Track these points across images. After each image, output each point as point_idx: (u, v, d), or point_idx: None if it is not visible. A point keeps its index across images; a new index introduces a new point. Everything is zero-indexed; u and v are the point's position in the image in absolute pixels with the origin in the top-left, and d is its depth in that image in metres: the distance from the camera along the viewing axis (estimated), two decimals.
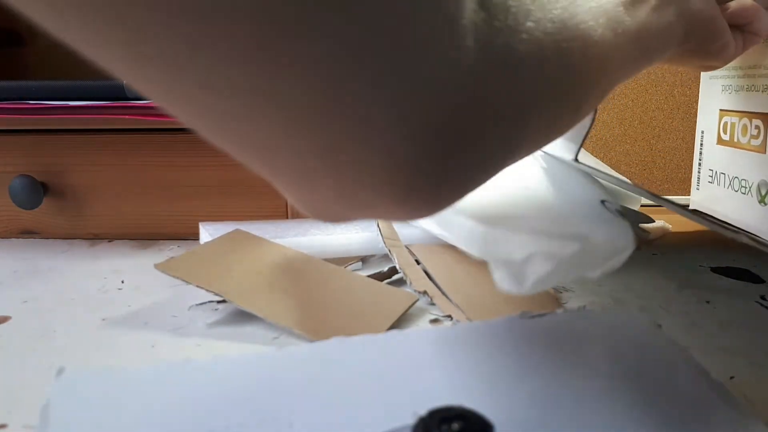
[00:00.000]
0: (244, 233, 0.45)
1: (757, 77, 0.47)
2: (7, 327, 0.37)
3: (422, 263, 0.43)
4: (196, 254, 0.40)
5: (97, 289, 0.44)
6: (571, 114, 0.23)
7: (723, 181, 0.51)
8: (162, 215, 0.56)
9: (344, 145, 0.17)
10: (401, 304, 0.38)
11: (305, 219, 0.55)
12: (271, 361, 0.27)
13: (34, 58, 0.82)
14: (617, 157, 0.86)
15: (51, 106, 0.52)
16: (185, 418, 0.23)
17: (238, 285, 0.38)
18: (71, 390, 0.24)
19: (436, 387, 0.25)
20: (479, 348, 0.28)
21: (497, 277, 0.28)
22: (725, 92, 0.51)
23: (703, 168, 0.55)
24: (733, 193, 0.50)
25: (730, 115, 0.50)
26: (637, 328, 0.30)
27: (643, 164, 0.86)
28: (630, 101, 0.84)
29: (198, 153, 0.55)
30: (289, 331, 0.35)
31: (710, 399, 0.24)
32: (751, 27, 0.40)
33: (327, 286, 0.40)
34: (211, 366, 0.26)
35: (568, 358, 0.27)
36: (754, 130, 0.47)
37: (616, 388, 0.25)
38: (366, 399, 0.24)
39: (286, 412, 0.23)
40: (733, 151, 0.50)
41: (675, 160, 0.85)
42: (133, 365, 0.27)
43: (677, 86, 0.83)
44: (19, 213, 0.56)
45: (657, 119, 0.85)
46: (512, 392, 0.24)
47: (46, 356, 0.33)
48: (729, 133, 0.51)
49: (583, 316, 0.32)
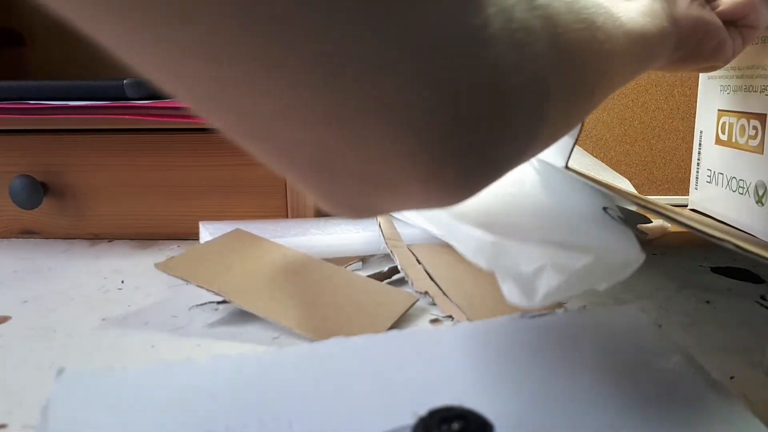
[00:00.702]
0: (245, 233, 0.45)
1: (755, 78, 0.47)
2: (7, 327, 0.37)
3: (423, 263, 0.43)
4: (197, 254, 0.40)
5: (97, 289, 0.44)
6: (586, 102, 0.23)
7: (721, 181, 0.51)
8: (162, 215, 0.56)
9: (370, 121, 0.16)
10: (402, 305, 0.38)
11: (305, 219, 0.55)
12: (272, 361, 0.27)
13: (34, 58, 0.82)
14: (617, 157, 0.86)
15: (51, 106, 0.52)
16: (185, 418, 0.23)
17: (239, 284, 0.38)
18: (71, 390, 0.24)
19: (436, 387, 0.25)
20: (479, 348, 0.28)
21: (506, 290, 0.27)
22: (723, 92, 0.51)
23: (701, 168, 0.55)
24: (731, 194, 0.50)
25: (728, 115, 0.50)
26: (637, 328, 0.30)
27: (643, 164, 0.86)
28: (630, 101, 0.84)
29: (198, 153, 0.55)
30: (289, 331, 0.35)
31: (710, 399, 0.24)
32: (747, 20, 0.40)
33: (327, 286, 0.40)
34: (211, 366, 0.26)
35: (568, 358, 0.27)
36: (751, 131, 0.47)
37: (616, 388, 0.25)
38: (366, 399, 0.24)
39: (286, 413, 0.23)
40: (731, 152, 0.50)
41: (675, 160, 0.85)
42: (133, 365, 0.27)
43: (677, 86, 0.83)
44: (19, 213, 0.56)
45: (657, 119, 0.85)
46: (512, 392, 0.24)
47: (46, 356, 0.33)
48: (727, 133, 0.51)
49: (584, 315, 0.32)
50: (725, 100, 0.51)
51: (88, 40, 0.17)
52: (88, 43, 0.17)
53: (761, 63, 0.46)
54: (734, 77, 0.50)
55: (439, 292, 0.39)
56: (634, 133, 0.85)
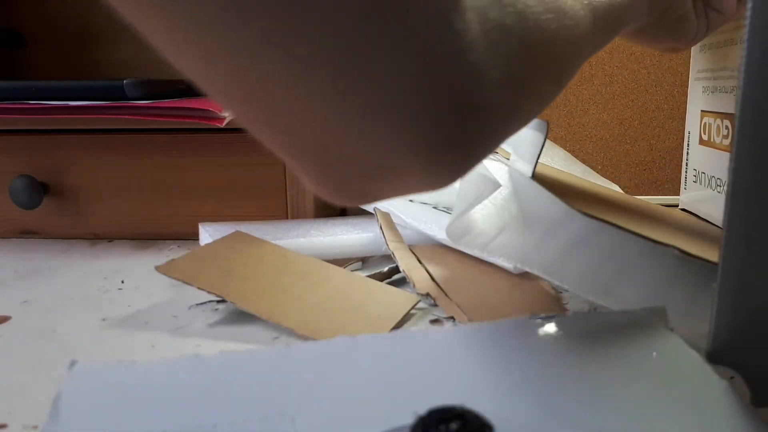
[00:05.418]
0: (245, 235, 0.45)
1: (726, 79, 0.47)
2: (7, 327, 0.37)
3: (425, 264, 0.43)
4: (197, 256, 0.41)
5: (97, 289, 0.44)
6: (555, 84, 0.25)
7: (704, 180, 0.52)
8: (162, 215, 0.56)
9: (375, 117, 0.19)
10: (403, 306, 0.38)
11: (305, 220, 0.55)
12: (277, 358, 0.27)
13: (34, 58, 0.82)
14: (617, 157, 0.86)
15: (51, 106, 0.52)
16: (191, 411, 0.23)
17: (239, 286, 0.38)
18: (82, 383, 0.24)
19: (437, 387, 0.25)
20: (483, 349, 0.28)
21: None
22: (705, 93, 0.52)
23: (689, 168, 0.55)
24: (712, 192, 0.50)
25: (708, 116, 0.51)
26: (648, 331, 0.29)
27: (643, 164, 0.86)
28: (630, 101, 0.84)
29: (198, 153, 0.55)
30: (289, 332, 0.35)
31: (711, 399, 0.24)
32: (716, 3, 0.39)
33: (328, 287, 0.40)
34: (218, 361, 0.27)
35: (571, 360, 0.27)
36: (725, 131, 0.47)
37: (622, 390, 0.25)
38: (367, 397, 0.24)
39: (289, 408, 0.23)
40: (710, 152, 0.50)
41: (675, 160, 0.85)
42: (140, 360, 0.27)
43: (677, 86, 0.83)
44: (19, 213, 0.56)
45: (657, 119, 0.85)
46: (513, 393, 0.24)
47: (46, 356, 0.33)
48: (708, 133, 0.51)
49: (593, 317, 0.32)
50: (706, 101, 0.51)
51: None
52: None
53: (730, 65, 0.47)
54: (712, 79, 0.50)
55: (440, 293, 0.39)
56: (634, 133, 0.85)
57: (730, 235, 0.25)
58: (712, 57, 0.50)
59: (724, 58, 0.48)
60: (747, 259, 0.25)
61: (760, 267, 0.25)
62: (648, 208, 0.44)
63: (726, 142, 0.47)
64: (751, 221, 0.24)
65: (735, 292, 0.25)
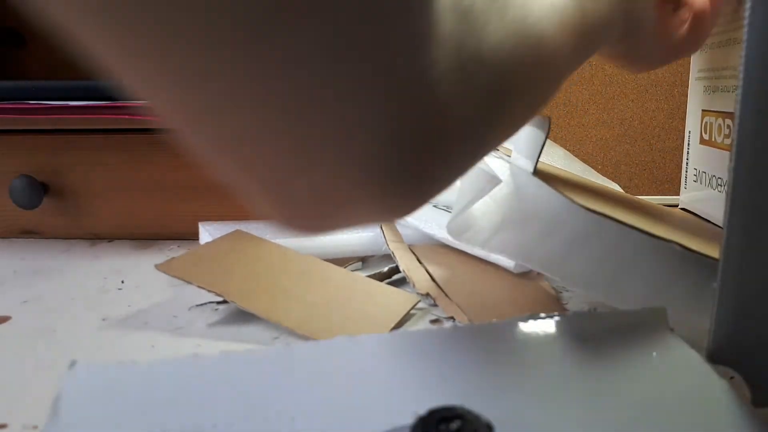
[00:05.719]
0: (245, 234, 0.45)
1: (728, 78, 0.47)
2: (7, 327, 0.37)
3: (425, 264, 0.43)
4: (197, 255, 0.40)
5: (98, 289, 0.44)
6: (528, 109, 0.25)
7: (704, 179, 0.52)
8: (162, 215, 0.56)
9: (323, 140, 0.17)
10: (403, 306, 0.38)
11: None
12: (277, 358, 0.27)
13: (34, 58, 0.82)
14: (617, 157, 0.86)
15: (51, 106, 0.52)
16: (191, 411, 0.23)
17: (239, 285, 0.38)
18: (82, 383, 0.24)
19: (437, 387, 0.25)
20: (483, 349, 0.28)
21: None
22: (706, 93, 0.52)
23: (689, 168, 0.55)
24: (713, 192, 0.50)
25: (709, 115, 0.51)
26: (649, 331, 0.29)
27: (643, 164, 0.86)
28: (630, 101, 0.84)
29: None
30: (289, 332, 0.35)
31: (711, 399, 0.24)
32: None
33: (328, 286, 0.40)
34: (218, 361, 0.26)
35: (572, 360, 0.27)
36: (726, 130, 0.47)
37: (622, 390, 0.25)
38: (367, 397, 0.24)
39: (289, 408, 0.23)
40: (711, 151, 0.50)
41: (675, 160, 0.85)
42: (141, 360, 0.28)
43: (677, 86, 0.83)
44: (19, 213, 0.56)
45: (657, 119, 0.85)
46: (513, 393, 0.24)
47: (46, 356, 0.33)
48: (709, 132, 0.51)
49: (593, 317, 0.32)
50: (707, 100, 0.52)
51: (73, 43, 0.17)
52: None
53: (731, 64, 0.47)
54: (713, 78, 0.51)
55: (440, 293, 0.39)
56: (634, 133, 0.85)
57: (731, 235, 0.25)
58: (713, 56, 0.51)
59: (726, 58, 0.48)
60: (747, 259, 0.25)
61: (760, 267, 0.25)
62: (648, 207, 0.44)
63: (727, 141, 0.47)
64: (751, 221, 0.24)
65: (735, 292, 0.25)
